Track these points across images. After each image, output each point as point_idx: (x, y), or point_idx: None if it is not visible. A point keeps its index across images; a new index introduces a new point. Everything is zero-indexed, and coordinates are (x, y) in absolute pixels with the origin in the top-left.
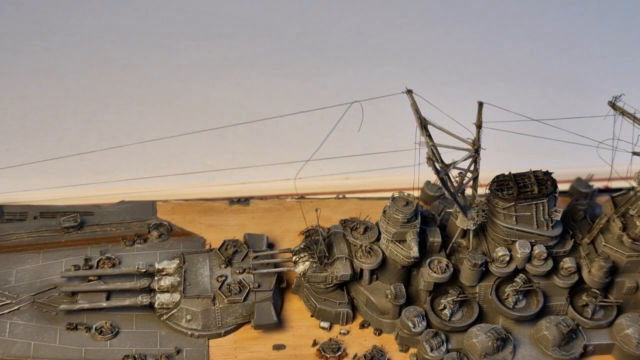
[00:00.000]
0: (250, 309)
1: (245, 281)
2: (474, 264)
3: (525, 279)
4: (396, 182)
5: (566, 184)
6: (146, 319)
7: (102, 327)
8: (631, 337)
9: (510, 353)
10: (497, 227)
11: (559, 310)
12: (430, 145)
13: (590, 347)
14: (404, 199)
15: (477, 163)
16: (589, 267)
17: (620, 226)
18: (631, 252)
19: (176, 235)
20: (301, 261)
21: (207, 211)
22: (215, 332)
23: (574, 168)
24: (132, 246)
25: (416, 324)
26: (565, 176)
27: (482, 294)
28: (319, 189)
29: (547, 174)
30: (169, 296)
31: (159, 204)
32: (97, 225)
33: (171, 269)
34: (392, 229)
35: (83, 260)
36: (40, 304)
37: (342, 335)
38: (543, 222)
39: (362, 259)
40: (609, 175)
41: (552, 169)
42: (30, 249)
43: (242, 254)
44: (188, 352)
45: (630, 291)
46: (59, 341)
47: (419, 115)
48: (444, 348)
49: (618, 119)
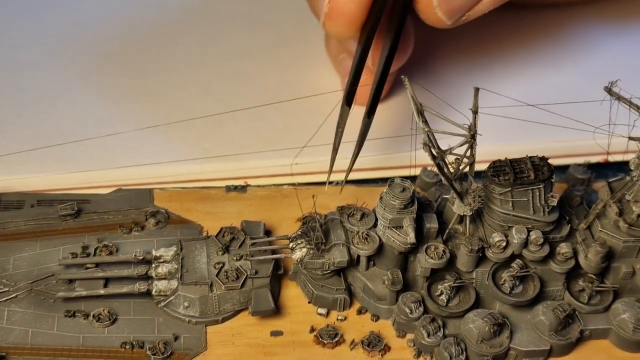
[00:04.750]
0: (248, 295)
1: (242, 268)
2: (471, 250)
3: (521, 264)
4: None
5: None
6: (144, 306)
7: (100, 314)
8: (627, 322)
9: (507, 338)
10: (494, 212)
11: (556, 295)
12: (427, 131)
13: (587, 332)
14: (401, 185)
15: (474, 148)
16: (586, 253)
17: (617, 211)
18: (627, 237)
19: (173, 223)
20: (298, 248)
21: (204, 198)
22: (212, 318)
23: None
24: (130, 234)
25: (413, 309)
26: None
27: (479, 279)
28: (315, 178)
29: (543, 159)
30: (166, 283)
31: (156, 191)
32: (94, 213)
33: (168, 256)
34: (389, 215)
35: (81, 248)
36: (38, 291)
37: (339, 321)
38: (539, 208)
39: (359, 246)
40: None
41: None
42: (28, 237)
43: (240, 241)
44: (186, 338)
45: (627, 276)
46: (56, 328)
47: (416, 101)
48: (440, 333)
49: (614, 104)
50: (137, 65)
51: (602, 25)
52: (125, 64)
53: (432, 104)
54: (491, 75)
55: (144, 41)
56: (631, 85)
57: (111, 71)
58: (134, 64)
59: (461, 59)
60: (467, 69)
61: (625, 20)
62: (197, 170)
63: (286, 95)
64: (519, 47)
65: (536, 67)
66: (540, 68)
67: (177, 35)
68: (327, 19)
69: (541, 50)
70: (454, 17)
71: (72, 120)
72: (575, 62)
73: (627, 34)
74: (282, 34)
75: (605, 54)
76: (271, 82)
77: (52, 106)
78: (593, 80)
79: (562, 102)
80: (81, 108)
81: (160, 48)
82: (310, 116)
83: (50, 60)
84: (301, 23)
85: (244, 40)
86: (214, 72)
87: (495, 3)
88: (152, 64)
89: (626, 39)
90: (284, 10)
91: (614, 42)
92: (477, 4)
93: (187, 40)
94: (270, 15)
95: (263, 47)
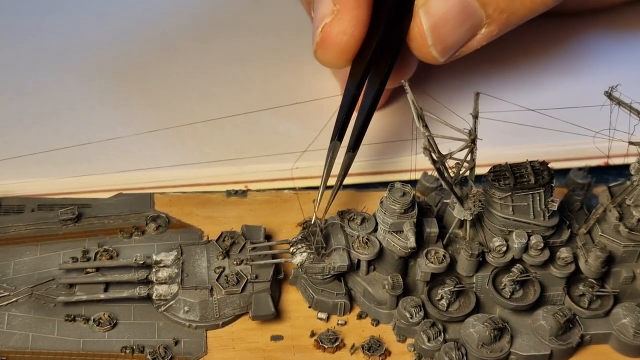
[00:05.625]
0: (248, 300)
1: (242, 272)
2: (471, 254)
3: (522, 269)
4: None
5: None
6: (144, 311)
7: (100, 318)
8: (628, 327)
9: (507, 343)
10: (494, 217)
11: (556, 300)
12: (427, 136)
13: (587, 337)
14: (401, 189)
15: (474, 153)
16: (586, 257)
17: (617, 216)
18: (628, 241)
19: (174, 227)
20: (299, 252)
21: (204, 203)
22: (213, 323)
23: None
24: (130, 238)
25: (413, 314)
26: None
27: (479, 284)
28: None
29: (543, 164)
30: (166, 287)
31: (156, 196)
32: (94, 217)
33: (169, 260)
34: (389, 220)
35: (81, 252)
36: (39, 295)
37: (339, 325)
38: (540, 212)
39: (359, 250)
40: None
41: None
42: (28, 241)
43: (240, 245)
44: (186, 343)
45: (627, 281)
46: (57, 333)
47: (416, 106)
48: (441, 338)
49: (614, 108)
50: (138, 70)
51: (603, 33)
52: (126, 69)
53: (433, 109)
54: (492, 80)
55: (145, 46)
56: (631, 90)
57: (112, 76)
58: (134, 69)
59: (462, 63)
60: (467, 74)
61: (626, 29)
62: (198, 175)
63: (286, 100)
64: (519, 53)
65: (536, 72)
66: (541, 73)
67: (178, 41)
68: (319, 48)
69: (542, 55)
70: (447, 54)
71: (72, 125)
72: (576, 68)
73: (628, 42)
74: (282, 40)
75: (606, 60)
76: (271, 87)
77: (53, 110)
78: (593, 85)
79: (563, 107)
80: (82, 112)
81: (161, 53)
82: (310, 121)
83: (52, 65)
84: (301, 29)
85: (244, 46)
86: (214, 77)
87: (487, 39)
88: (152, 69)
89: (626, 46)
90: (284, 16)
91: (614, 48)
92: (469, 41)
93: (187, 45)
94: (270, 21)
95: (263, 52)
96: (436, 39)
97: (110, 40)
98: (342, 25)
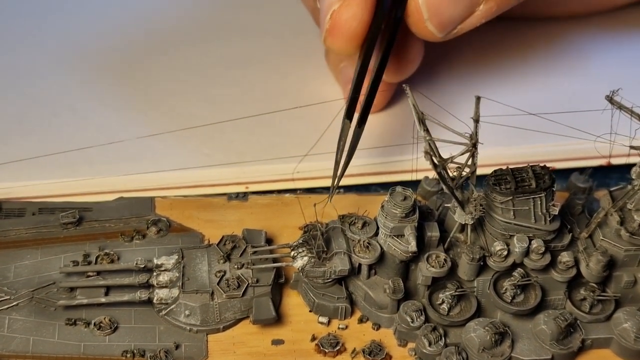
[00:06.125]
0: (249, 304)
1: (243, 276)
2: (472, 259)
3: (523, 273)
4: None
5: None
6: (145, 314)
7: (101, 322)
8: (629, 331)
9: (508, 347)
10: (495, 221)
11: (557, 304)
12: (428, 140)
13: (589, 341)
14: (402, 193)
15: (475, 157)
16: (587, 261)
17: (618, 220)
18: (629, 245)
19: (175, 231)
20: (300, 256)
21: (205, 207)
22: (213, 327)
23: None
24: (131, 242)
25: (414, 318)
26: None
27: (480, 288)
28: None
29: (544, 168)
30: (167, 291)
31: (157, 199)
32: (95, 221)
33: (170, 264)
34: (390, 224)
35: (82, 256)
36: (39, 299)
37: (340, 330)
38: (541, 216)
39: (360, 254)
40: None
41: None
42: (29, 245)
43: (241, 249)
44: (187, 347)
45: (628, 285)
46: (57, 336)
47: (417, 110)
48: (442, 342)
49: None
50: (139, 73)
51: (603, 35)
52: (127, 72)
53: (434, 112)
54: (492, 84)
55: (146, 49)
56: (632, 94)
57: (113, 79)
58: (135, 72)
59: (463, 67)
60: (468, 78)
61: (626, 31)
62: (199, 178)
63: (287, 104)
64: (520, 56)
65: (538, 76)
66: (542, 77)
67: (179, 44)
68: (328, 35)
69: (543, 59)
70: (444, 30)
71: (73, 128)
72: (577, 71)
73: (630, 43)
74: (283, 43)
75: (607, 63)
76: (272, 91)
77: (53, 114)
78: (594, 88)
79: (564, 110)
80: (83, 116)
81: (162, 56)
82: (311, 124)
83: (52, 67)
84: (302, 32)
85: (245, 49)
86: (215, 80)
87: (486, 16)
88: (153, 72)
89: (629, 47)
90: (285, 19)
91: (615, 51)
92: (468, 17)
93: (188, 48)
94: (271, 25)
95: (264, 56)
96: (432, 13)
97: (112, 43)
98: (350, 10)
